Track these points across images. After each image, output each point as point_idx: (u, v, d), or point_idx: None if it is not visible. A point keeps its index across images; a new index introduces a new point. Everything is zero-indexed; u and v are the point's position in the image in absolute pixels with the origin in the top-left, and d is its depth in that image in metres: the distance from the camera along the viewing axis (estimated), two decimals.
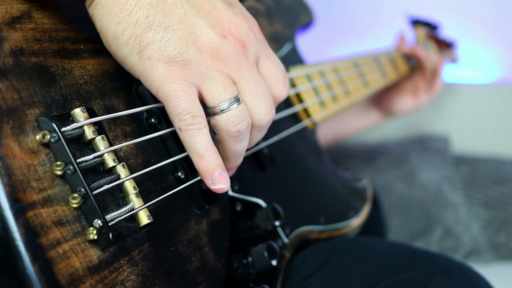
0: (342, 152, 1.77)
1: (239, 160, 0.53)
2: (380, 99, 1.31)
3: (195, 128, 0.45)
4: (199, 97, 0.46)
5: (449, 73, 1.84)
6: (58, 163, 0.42)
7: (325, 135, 1.18)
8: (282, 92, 0.53)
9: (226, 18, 0.47)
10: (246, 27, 0.48)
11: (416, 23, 1.47)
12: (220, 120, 0.47)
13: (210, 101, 0.46)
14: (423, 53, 1.26)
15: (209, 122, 0.48)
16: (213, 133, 0.50)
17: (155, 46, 0.43)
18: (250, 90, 0.48)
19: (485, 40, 1.97)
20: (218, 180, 0.47)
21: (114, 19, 0.43)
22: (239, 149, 0.50)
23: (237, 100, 0.47)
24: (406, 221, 1.60)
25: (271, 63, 0.52)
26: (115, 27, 0.44)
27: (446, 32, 1.58)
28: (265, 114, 0.50)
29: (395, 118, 1.36)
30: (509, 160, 1.82)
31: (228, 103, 0.46)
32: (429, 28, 1.52)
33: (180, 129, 0.45)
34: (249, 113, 0.49)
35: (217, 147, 0.48)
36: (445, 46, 1.55)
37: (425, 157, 1.75)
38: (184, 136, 0.46)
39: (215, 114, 0.47)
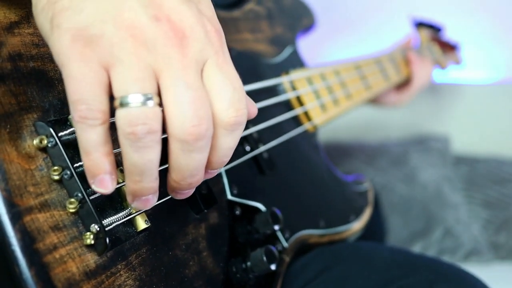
0: (342, 152, 1.77)
1: (145, 182, 0.39)
2: None
3: (87, 123, 0.37)
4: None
5: (450, 73, 1.84)
6: (55, 167, 0.43)
7: None
8: (226, 113, 0.40)
9: (169, 3, 0.38)
10: (194, 20, 0.39)
11: (420, 25, 1.47)
12: (117, 116, 0.37)
13: (115, 89, 0.37)
14: (412, 57, 1.28)
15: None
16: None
17: (67, 14, 0.37)
18: (174, 89, 0.37)
19: (486, 40, 1.96)
20: (100, 182, 0.39)
21: None
22: (138, 161, 0.37)
23: (148, 99, 0.36)
24: (406, 221, 1.60)
25: (220, 74, 0.40)
26: None
27: (449, 32, 1.58)
28: (188, 122, 0.37)
29: (395, 117, 1.35)
30: (509, 160, 1.82)
31: (133, 98, 0.36)
32: (433, 30, 1.51)
33: (73, 118, 0.37)
34: (166, 120, 0.37)
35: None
36: (448, 48, 1.54)
37: (425, 157, 1.74)
38: (75, 127, 0.38)
39: (115, 107, 0.37)
